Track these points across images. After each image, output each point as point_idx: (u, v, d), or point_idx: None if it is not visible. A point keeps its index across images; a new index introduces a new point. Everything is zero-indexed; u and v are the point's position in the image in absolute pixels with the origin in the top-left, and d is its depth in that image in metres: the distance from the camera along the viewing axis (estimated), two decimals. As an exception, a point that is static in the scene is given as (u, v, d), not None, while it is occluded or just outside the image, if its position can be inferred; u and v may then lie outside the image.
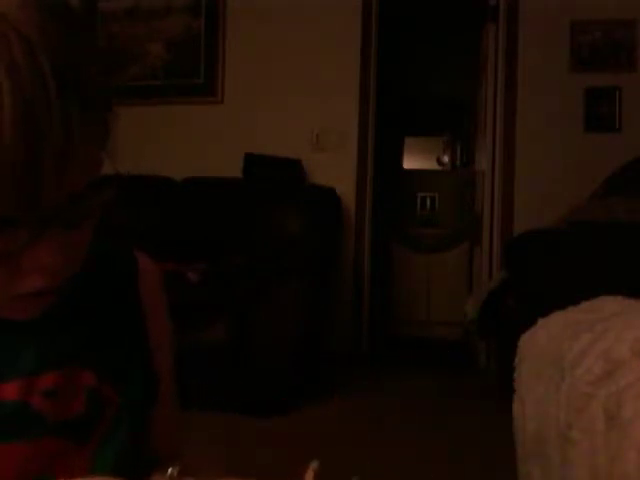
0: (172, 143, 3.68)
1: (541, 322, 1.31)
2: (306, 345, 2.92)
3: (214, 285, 2.70)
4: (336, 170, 3.51)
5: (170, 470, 0.44)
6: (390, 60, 4.59)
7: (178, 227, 3.26)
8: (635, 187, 2.75)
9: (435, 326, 4.67)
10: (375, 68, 3.61)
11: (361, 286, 3.58)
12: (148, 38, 3.71)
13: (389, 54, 4.47)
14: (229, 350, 2.55)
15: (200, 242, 3.15)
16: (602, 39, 3.32)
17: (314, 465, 0.45)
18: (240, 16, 3.63)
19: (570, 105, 3.34)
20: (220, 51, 3.65)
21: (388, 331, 4.57)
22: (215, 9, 3.65)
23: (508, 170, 3.41)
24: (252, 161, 3.38)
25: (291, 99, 3.57)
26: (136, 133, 3.63)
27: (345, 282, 3.50)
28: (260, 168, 3.37)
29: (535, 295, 2.33)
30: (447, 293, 4.62)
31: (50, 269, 0.46)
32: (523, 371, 1.27)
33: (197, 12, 3.67)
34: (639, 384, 0.80)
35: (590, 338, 1.00)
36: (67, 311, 0.57)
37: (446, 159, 5.35)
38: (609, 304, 1.19)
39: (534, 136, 3.37)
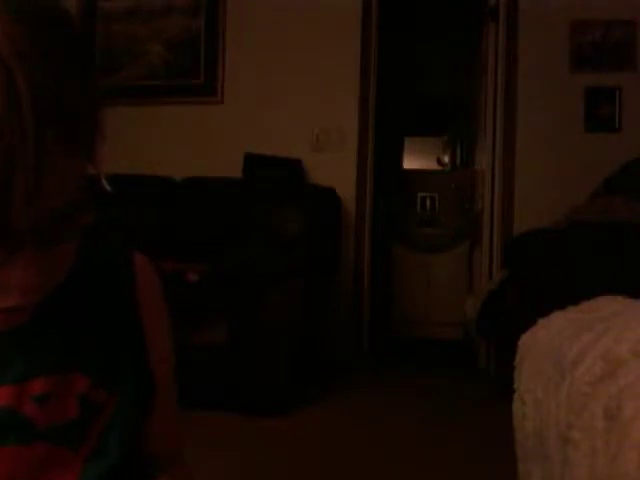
0: (172, 143, 3.68)
1: (541, 322, 1.31)
2: (306, 345, 2.92)
3: (214, 285, 2.70)
4: (336, 170, 3.51)
5: None
6: (390, 59, 4.59)
7: (178, 227, 3.26)
8: (635, 187, 2.75)
9: (435, 326, 4.67)
10: (375, 68, 3.61)
11: (361, 286, 3.58)
12: (148, 38, 3.71)
13: (389, 53, 4.47)
14: (229, 350, 2.55)
15: (200, 242, 3.15)
16: (602, 39, 3.32)
17: None
18: (240, 16, 3.63)
19: (570, 105, 3.34)
20: (220, 51, 3.65)
21: (388, 331, 4.57)
22: (215, 9, 3.65)
23: (508, 170, 3.41)
24: (252, 161, 3.38)
25: (291, 99, 3.57)
26: (136, 133, 3.63)
27: (345, 282, 3.50)
28: (260, 168, 3.37)
29: (535, 295, 2.33)
30: (447, 293, 4.62)
31: (23, 288, 0.46)
32: (523, 371, 1.27)
33: (197, 12, 3.67)
34: (639, 384, 0.80)
35: (590, 338, 1.00)
36: (58, 316, 0.56)
37: (446, 159, 5.34)
38: (609, 304, 1.19)
39: (534, 136, 3.37)
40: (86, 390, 0.56)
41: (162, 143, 3.69)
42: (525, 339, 1.34)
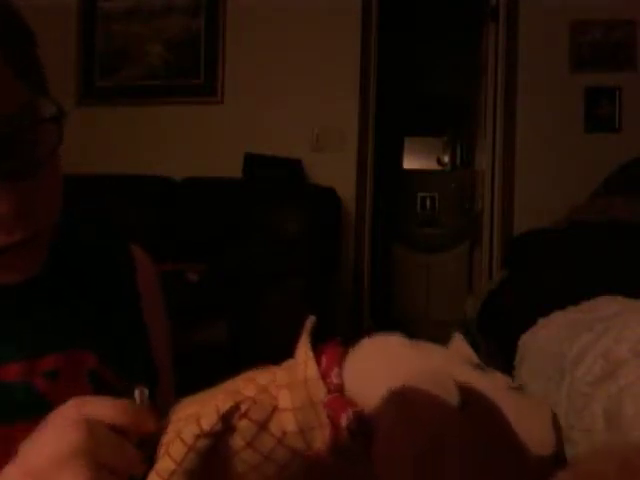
0: (172, 143, 3.68)
1: (541, 322, 1.31)
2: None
3: (214, 285, 2.70)
4: (336, 170, 3.51)
5: (137, 392, 0.45)
6: (390, 60, 4.59)
7: (178, 227, 3.26)
8: (635, 187, 2.75)
9: (435, 326, 4.67)
10: (375, 68, 3.60)
11: (361, 286, 3.58)
12: (148, 38, 3.71)
13: (389, 54, 4.46)
14: (229, 350, 2.55)
15: (200, 242, 3.15)
16: (602, 39, 3.31)
17: (311, 320, 0.46)
18: (240, 16, 3.63)
19: (570, 105, 3.34)
20: (220, 51, 3.65)
21: (388, 331, 4.56)
22: (215, 9, 3.65)
23: (508, 170, 3.41)
24: (252, 161, 3.38)
25: (291, 99, 3.56)
26: (136, 133, 3.63)
27: (345, 282, 3.50)
28: (260, 168, 3.37)
29: (535, 295, 2.33)
30: (447, 293, 4.62)
31: (4, 222, 0.46)
32: (523, 371, 1.27)
33: (197, 12, 3.67)
34: (639, 384, 0.80)
35: (590, 338, 1.00)
36: (67, 294, 0.58)
37: (446, 159, 5.34)
38: (609, 304, 1.19)
39: (534, 136, 3.37)
40: (95, 367, 0.56)
41: (162, 143, 3.69)
42: (525, 339, 1.34)
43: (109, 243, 0.65)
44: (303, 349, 0.44)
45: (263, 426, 0.40)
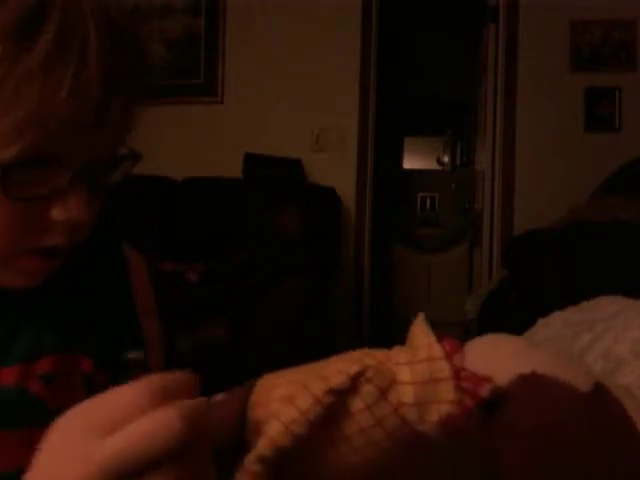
0: (172, 143, 3.68)
1: (541, 322, 1.31)
2: (306, 345, 2.92)
3: (214, 285, 2.70)
4: (336, 170, 3.51)
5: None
6: (390, 60, 4.59)
7: (178, 227, 3.26)
8: (635, 187, 2.75)
9: (435, 326, 4.66)
10: (375, 68, 3.60)
11: (361, 286, 3.58)
12: (148, 38, 3.71)
13: (389, 54, 4.46)
14: (229, 350, 2.55)
15: (200, 242, 3.15)
16: (602, 39, 3.31)
17: (422, 314, 0.49)
18: (240, 16, 3.63)
19: (570, 105, 3.34)
20: (220, 51, 3.65)
21: (388, 331, 4.57)
22: (215, 9, 3.65)
23: (508, 170, 3.41)
24: (252, 161, 3.38)
25: (291, 99, 3.56)
26: (135, 133, 3.62)
27: (345, 282, 3.50)
28: (260, 168, 3.37)
29: (535, 295, 2.33)
30: (447, 293, 4.62)
31: (75, 224, 0.48)
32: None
33: (197, 12, 3.67)
34: (639, 384, 0.80)
35: (590, 338, 1.00)
36: (63, 297, 0.58)
37: (446, 159, 5.34)
38: (609, 304, 1.19)
39: (534, 136, 3.37)
40: (90, 372, 0.56)
41: (162, 143, 3.68)
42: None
43: (102, 243, 0.65)
44: (424, 334, 0.47)
45: (383, 393, 0.42)
